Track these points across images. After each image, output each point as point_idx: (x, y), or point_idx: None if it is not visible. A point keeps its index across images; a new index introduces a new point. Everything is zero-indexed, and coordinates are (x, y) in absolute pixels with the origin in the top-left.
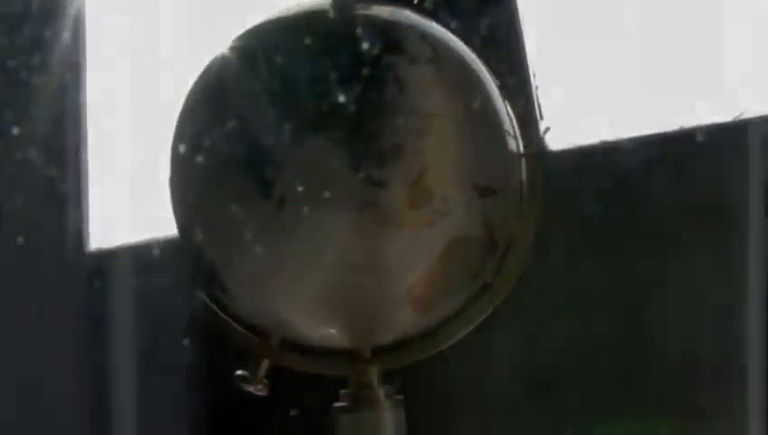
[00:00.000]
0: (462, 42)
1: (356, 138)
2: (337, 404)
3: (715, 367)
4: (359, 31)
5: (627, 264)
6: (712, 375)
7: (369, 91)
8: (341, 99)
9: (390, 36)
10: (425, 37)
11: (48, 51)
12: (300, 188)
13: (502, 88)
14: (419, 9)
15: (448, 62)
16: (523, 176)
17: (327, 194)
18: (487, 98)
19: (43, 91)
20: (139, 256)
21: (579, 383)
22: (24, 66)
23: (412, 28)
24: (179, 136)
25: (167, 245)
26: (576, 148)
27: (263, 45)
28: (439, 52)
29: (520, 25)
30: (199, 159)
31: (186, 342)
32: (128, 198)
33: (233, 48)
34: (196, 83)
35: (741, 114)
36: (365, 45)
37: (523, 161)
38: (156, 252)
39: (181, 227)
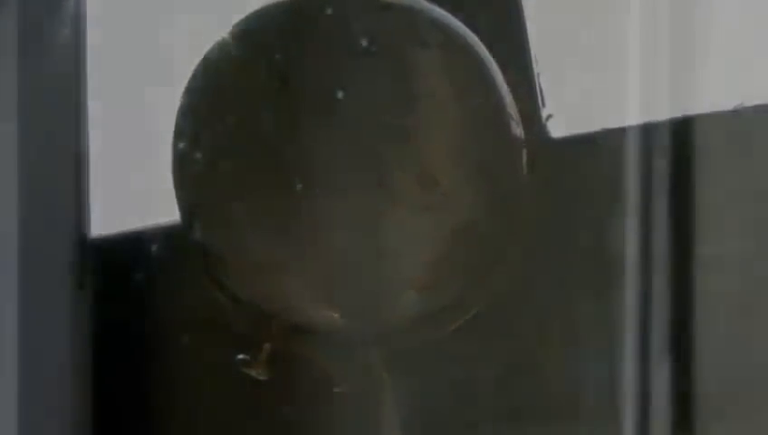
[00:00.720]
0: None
1: (363, 121)
2: (338, 388)
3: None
4: (365, 15)
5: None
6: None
7: (377, 75)
8: (347, 83)
9: (401, 20)
10: (435, 23)
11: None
12: (306, 173)
13: (505, 75)
14: None
15: (457, 48)
16: (525, 162)
17: (333, 177)
18: (493, 84)
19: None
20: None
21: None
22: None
23: (422, 13)
24: (182, 124)
25: (170, 232)
26: None
27: (264, 30)
28: (449, 37)
29: (522, 12)
30: (203, 146)
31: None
32: (130, 185)
33: (233, 33)
34: (198, 69)
35: (741, 103)
36: (374, 29)
37: (526, 148)
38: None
39: (185, 214)
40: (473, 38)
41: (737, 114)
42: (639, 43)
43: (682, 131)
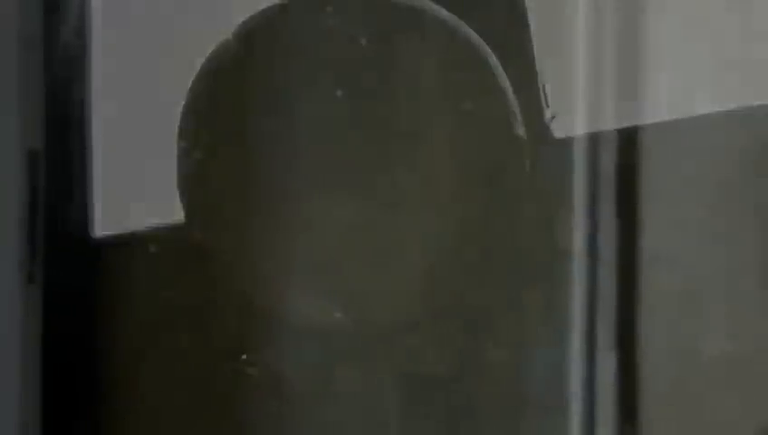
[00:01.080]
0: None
1: (363, 120)
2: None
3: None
4: (367, 14)
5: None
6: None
7: (378, 74)
8: (348, 82)
9: (403, 19)
10: (438, 22)
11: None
12: (307, 172)
13: (507, 74)
14: None
15: (461, 47)
16: (527, 163)
17: (334, 177)
18: (497, 84)
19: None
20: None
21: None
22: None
23: (425, 12)
24: (185, 124)
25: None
26: None
27: (266, 30)
28: (452, 37)
29: (525, 11)
30: (205, 146)
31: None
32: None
33: (235, 34)
34: (201, 69)
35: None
36: (376, 28)
37: (528, 147)
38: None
39: (188, 214)
40: (476, 37)
41: (682, 122)
42: (585, 51)
43: (629, 138)
